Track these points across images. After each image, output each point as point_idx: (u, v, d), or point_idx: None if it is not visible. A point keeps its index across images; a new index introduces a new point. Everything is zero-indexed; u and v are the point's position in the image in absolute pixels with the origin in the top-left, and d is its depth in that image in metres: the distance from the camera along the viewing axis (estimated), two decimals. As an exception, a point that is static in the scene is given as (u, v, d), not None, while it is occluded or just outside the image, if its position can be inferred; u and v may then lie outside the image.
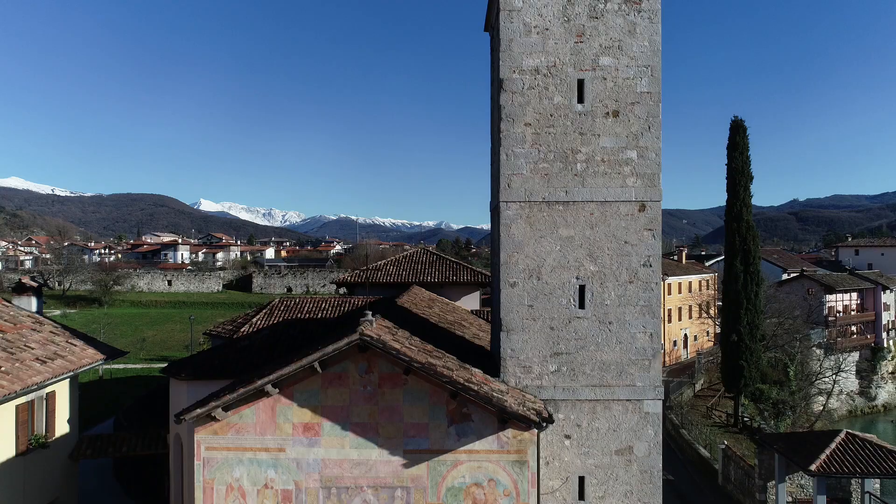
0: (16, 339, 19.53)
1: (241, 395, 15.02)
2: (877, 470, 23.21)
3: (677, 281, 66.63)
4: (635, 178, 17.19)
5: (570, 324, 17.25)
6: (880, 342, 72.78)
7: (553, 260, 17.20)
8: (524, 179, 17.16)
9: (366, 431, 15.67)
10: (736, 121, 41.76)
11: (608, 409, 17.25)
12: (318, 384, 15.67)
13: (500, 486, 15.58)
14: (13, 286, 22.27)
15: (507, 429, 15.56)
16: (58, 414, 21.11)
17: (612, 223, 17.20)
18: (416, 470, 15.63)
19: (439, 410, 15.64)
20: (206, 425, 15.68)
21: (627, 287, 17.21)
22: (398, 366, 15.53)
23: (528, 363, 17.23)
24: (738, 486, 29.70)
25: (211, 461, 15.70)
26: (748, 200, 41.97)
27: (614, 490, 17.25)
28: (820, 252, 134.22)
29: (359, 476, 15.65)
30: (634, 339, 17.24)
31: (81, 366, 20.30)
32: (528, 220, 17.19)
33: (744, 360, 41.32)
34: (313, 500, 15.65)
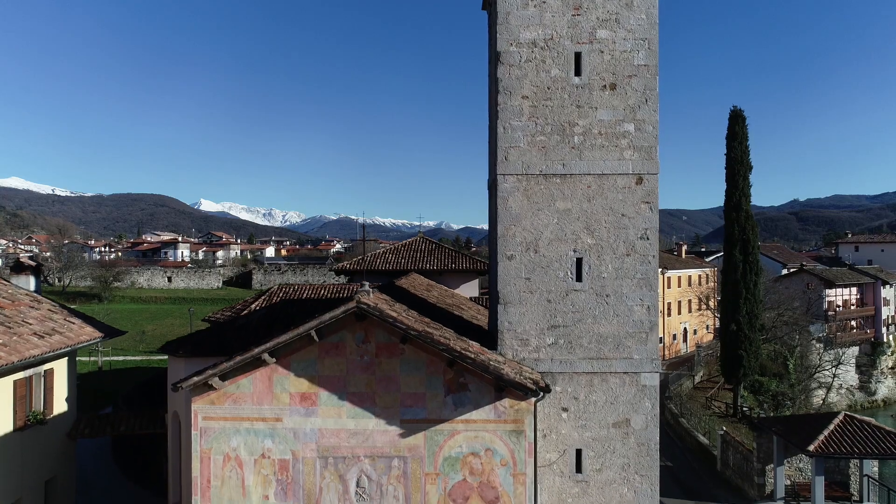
0: (13, 314, 19.55)
1: (237, 362, 15.03)
2: (875, 450, 23.21)
3: (676, 275, 66.62)
4: (632, 151, 17.21)
5: (568, 296, 17.26)
6: (880, 337, 72.71)
7: (550, 233, 17.22)
8: (521, 152, 17.18)
9: (363, 401, 15.68)
10: (735, 111, 41.75)
11: (605, 381, 17.25)
12: (315, 354, 15.68)
13: (496, 456, 15.59)
14: (11, 265, 22.25)
15: (503, 398, 15.57)
16: (56, 392, 21.10)
17: (609, 196, 17.21)
18: (414, 440, 15.64)
19: (436, 380, 15.65)
20: (203, 395, 15.69)
21: (625, 260, 17.22)
22: (395, 335, 15.55)
23: (526, 336, 17.24)
24: (736, 471, 29.68)
25: (208, 431, 15.71)
26: (747, 190, 41.93)
27: (611, 463, 17.25)
28: (820, 250, 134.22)
29: (356, 446, 15.66)
30: (631, 312, 17.25)
31: (80, 342, 20.30)
32: (526, 192, 17.21)
33: (743, 349, 41.26)
34: (310, 470, 15.66)
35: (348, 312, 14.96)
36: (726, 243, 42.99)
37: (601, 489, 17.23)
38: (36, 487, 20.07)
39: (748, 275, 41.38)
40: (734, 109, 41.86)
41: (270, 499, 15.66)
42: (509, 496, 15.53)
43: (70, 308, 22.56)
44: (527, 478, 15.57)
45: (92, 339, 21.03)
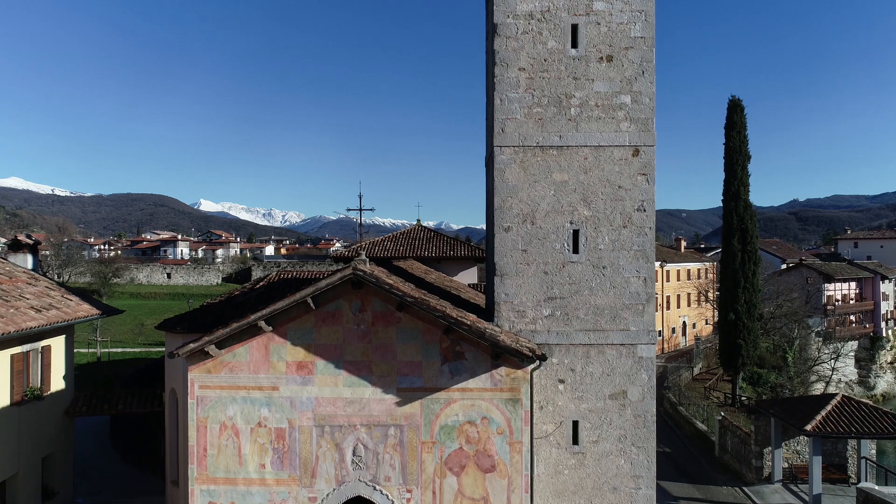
0: (11, 289, 19.56)
1: (233, 329, 15.04)
2: (872, 430, 23.22)
3: (675, 268, 66.61)
4: (629, 123, 17.22)
5: (564, 268, 17.27)
6: (879, 332, 72.76)
7: (547, 204, 17.23)
8: (518, 124, 17.19)
9: (359, 370, 15.69)
10: (734, 100, 41.78)
11: (602, 353, 17.26)
12: (312, 322, 15.69)
13: (493, 424, 15.60)
14: (9, 243, 22.27)
15: (500, 367, 15.59)
16: (53, 369, 21.13)
17: (606, 168, 17.23)
18: (410, 408, 15.65)
19: (433, 349, 15.66)
20: (199, 364, 15.70)
21: (621, 232, 17.24)
22: (391, 303, 15.57)
23: (522, 307, 17.24)
24: (734, 456, 29.69)
25: (204, 400, 15.72)
26: (746, 180, 41.93)
27: (608, 434, 17.24)
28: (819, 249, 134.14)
29: (352, 414, 15.67)
30: (628, 284, 17.26)
31: (77, 317, 20.32)
32: (522, 164, 17.22)
33: (741, 339, 41.26)
34: (307, 439, 15.67)
35: (345, 279, 14.98)
36: (725, 233, 43.00)
37: (598, 461, 17.23)
38: (33, 463, 20.10)
39: (747, 264, 41.40)
40: (733, 99, 41.90)
41: (267, 467, 15.66)
42: (505, 464, 15.54)
43: (67, 286, 22.55)
44: (523, 446, 15.58)
45: (89, 315, 21.05)
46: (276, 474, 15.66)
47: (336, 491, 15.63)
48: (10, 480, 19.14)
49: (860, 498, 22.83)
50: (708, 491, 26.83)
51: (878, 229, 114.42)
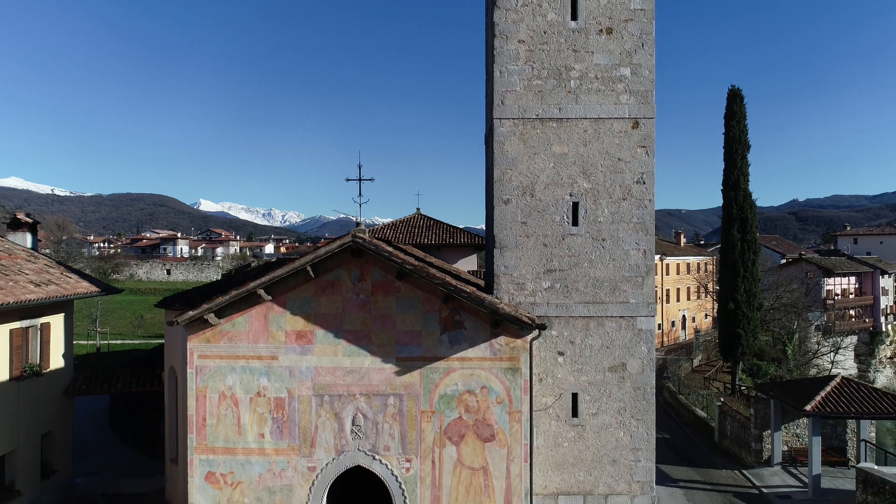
0: (10, 265, 19.55)
1: (233, 296, 15.04)
2: (871, 410, 23.18)
3: (675, 262, 66.60)
4: (629, 95, 17.23)
5: (564, 240, 17.27)
6: (878, 326, 72.71)
7: (546, 177, 17.24)
8: (517, 96, 17.20)
9: (358, 339, 15.68)
10: (733, 89, 41.78)
11: (601, 325, 17.26)
12: (311, 292, 15.69)
13: (492, 394, 15.60)
14: (8, 221, 22.26)
15: (499, 336, 15.59)
16: (52, 346, 21.09)
17: (605, 140, 17.23)
18: (409, 377, 15.64)
19: (432, 318, 15.66)
20: (198, 333, 15.70)
21: (621, 204, 17.24)
22: (390, 272, 15.57)
23: (522, 280, 17.24)
24: (734, 440, 29.66)
25: (203, 369, 15.71)
26: (745, 169, 41.90)
27: (607, 407, 17.24)
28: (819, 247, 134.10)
29: (351, 384, 15.67)
30: (628, 256, 17.26)
31: (77, 293, 20.29)
32: (522, 136, 17.22)
33: (741, 328, 41.20)
34: (306, 408, 15.66)
35: (344, 247, 14.97)
36: (724, 222, 42.96)
37: (597, 433, 17.23)
38: (32, 440, 20.06)
39: (746, 253, 41.36)
40: (732, 88, 41.89)
41: (266, 437, 15.66)
42: (505, 434, 15.54)
43: (67, 265, 22.55)
44: (522, 415, 15.57)
45: (89, 292, 21.03)
46: (275, 444, 15.66)
47: (335, 460, 15.63)
48: (8, 456, 19.11)
49: (860, 477, 22.80)
50: (707, 474, 26.80)
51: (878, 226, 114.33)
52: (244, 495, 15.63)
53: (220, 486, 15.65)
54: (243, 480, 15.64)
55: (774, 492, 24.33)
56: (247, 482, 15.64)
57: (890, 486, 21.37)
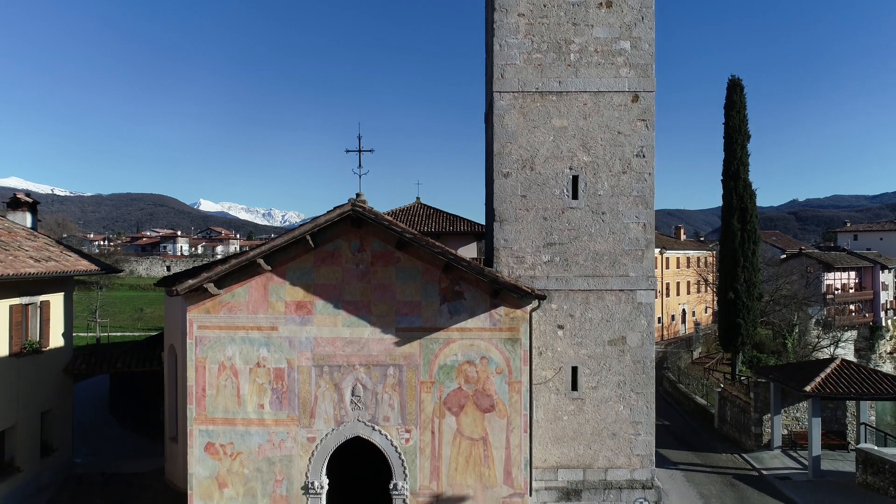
0: (10, 241, 19.55)
1: (232, 265, 15.03)
2: (872, 391, 23.17)
3: (675, 255, 66.57)
4: (628, 69, 17.24)
5: (564, 214, 17.28)
6: (878, 321, 72.62)
7: (546, 150, 17.25)
8: (517, 70, 17.21)
9: (358, 310, 15.67)
10: (733, 79, 41.77)
11: (601, 299, 17.27)
12: (311, 262, 15.68)
13: (492, 364, 15.58)
14: (7, 201, 22.25)
15: (499, 307, 15.58)
16: (52, 325, 21.08)
17: (605, 113, 17.24)
18: (409, 348, 15.63)
19: (432, 288, 15.65)
20: (198, 304, 15.70)
21: (620, 177, 17.25)
22: (390, 242, 15.56)
23: (521, 253, 17.25)
24: (734, 426, 29.64)
25: (203, 340, 15.70)
26: (745, 159, 41.84)
27: (607, 380, 17.25)
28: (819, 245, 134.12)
29: (351, 354, 15.65)
30: (627, 230, 17.27)
31: (77, 269, 20.29)
32: (522, 110, 17.23)
33: (741, 318, 41.13)
34: (305, 379, 15.65)
35: (344, 215, 14.96)
36: (724, 212, 42.92)
37: (597, 406, 17.23)
38: (32, 417, 20.05)
39: (746, 243, 41.30)
40: (732, 78, 41.87)
41: (266, 407, 15.65)
42: (504, 404, 15.52)
43: (67, 245, 22.54)
44: (522, 386, 15.55)
45: (88, 270, 21.02)
46: (274, 414, 15.65)
47: (335, 431, 15.62)
48: (8, 431, 19.09)
49: (860, 458, 22.81)
50: (707, 458, 26.77)
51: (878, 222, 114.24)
52: (244, 466, 15.62)
53: (219, 457, 15.64)
54: (243, 451, 15.63)
55: (774, 474, 24.30)
56: (246, 453, 15.62)
57: (890, 466, 21.38)
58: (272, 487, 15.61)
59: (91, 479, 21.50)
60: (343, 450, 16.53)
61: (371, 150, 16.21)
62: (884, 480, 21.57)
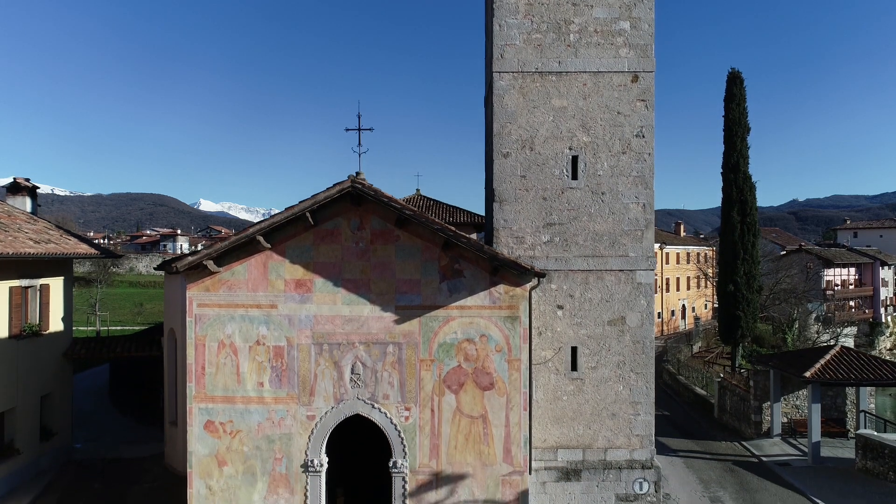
0: (9, 223, 19.56)
1: (232, 242, 15.03)
2: (871, 376, 23.20)
3: (675, 251, 66.61)
4: (628, 49, 17.25)
5: (563, 194, 17.28)
6: (878, 317, 72.60)
7: (546, 130, 17.25)
8: (517, 50, 17.21)
9: (358, 287, 15.67)
10: (733, 72, 41.76)
11: (601, 279, 17.27)
12: (311, 240, 15.68)
13: (491, 342, 15.58)
14: (7, 186, 22.24)
15: (498, 285, 15.57)
16: (52, 309, 21.11)
17: (605, 94, 17.25)
18: (409, 326, 15.62)
19: (431, 266, 15.64)
20: (197, 281, 15.70)
21: (620, 158, 17.25)
22: (390, 220, 15.56)
23: (521, 233, 17.26)
24: (733, 414, 29.67)
25: (202, 318, 15.70)
26: (745, 152, 41.82)
27: (607, 360, 17.25)
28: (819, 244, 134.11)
29: (351, 332, 15.65)
30: (627, 210, 17.27)
31: (77, 252, 20.29)
32: (521, 90, 17.24)
33: (741, 310, 41.06)
34: (305, 357, 15.64)
35: (343, 192, 14.95)
36: (724, 205, 42.89)
37: (596, 387, 17.23)
38: (31, 400, 20.07)
39: (746, 235, 41.26)
40: (732, 71, 41.85)
41: (265, 385, 15.64)
42: (504, 382, 15.52)
43: (67, 230, 22.55)
44: (521, 364, 15.55)
45: (88, 253, 21.03)
46: (274, 392, 15.64)
47: (334, 409, 15.61)
48: (8, 414, 19.11)
49: (859, 443, 22.83)
50: (707, 445, 26.80)
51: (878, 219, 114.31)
52: (243, 444, 15.61)
53: (219, 435, 15.63)
54: (242, 429, 15.62)
55: (774, 460, 24.33)
56: (246, 431, 15.62)
57: (890, 451, 21.41)
58: (272, 465, 15.60)
59: (91, 464, 21.53)
60: (342, 428, 16.54)
61: (371, 129, 16.22)
62: (883, 465, 21.59)
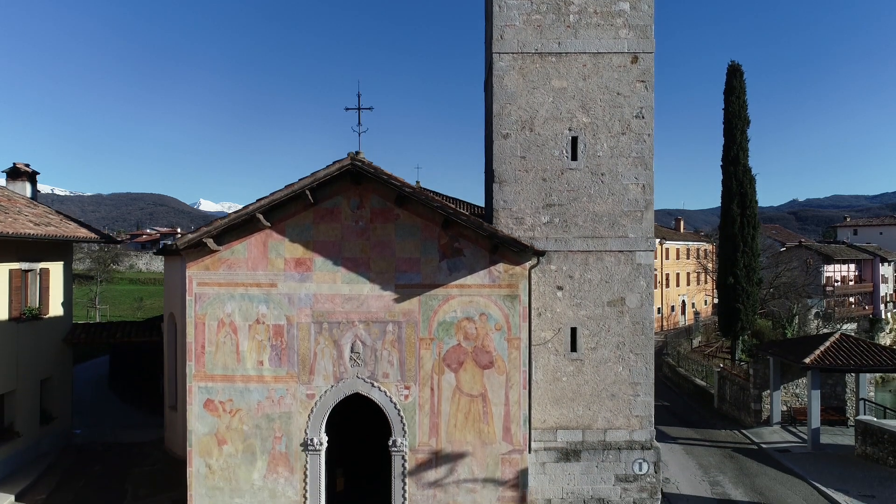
0: (9, 206, 19.57)
1: (232, 219, 15.04)
2: (871, 363, 23.18)
3: (675, 246, 66.59)
4: (628, 30, 17.26)
5: (563, 175, 17.29)
6: (878, 314, 72.56)
7: (546, 111, 17.26)
8: (517, 31, 17.22)
9: (357, 266, 15.68)
10: (733, 65, 41.77)
11: (600, 260, 17.27)
12: (310, 219, 15.70)
13: (491, 321, 15.60)
14: (7, 171, 22.24)
15: (498, 264, 15.61)
16: (52, 294, 21.12)
17: (604, 75, 17.26)
18: (408, 304, 15.64)
19: (431, 245, 15.66)
20: (197, 260, 15.72)
21: (620, 138, 17.26)
22: (389, 199, 15.58)
23: (521, 214, 17.26)
24: (733, 404, 29.66)
25: (202, 297, 15.72)
26: (745, 144, 41.82)
27: (606, 341, 17.25)
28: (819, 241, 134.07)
29: (350, 311, 15.66)
30: (627, 191, 17.28)
31: (77, 235, 20.30)
32: (521, 71, 17.25)
33: (741, 303, 41.04)
34: (305, 336, 15.65)
35: (343, 169, 14.97)
36: (724, 198, 42.87)
37: (596, 367, 17.24)
38: (31, 383, 20.08)
39: (746, 228, 41.24)
40: (732, 64, 41.87)
41: (265, 364, 15.66)
42: (504, 360, 15.53)
43: (67, 215, 22.56)
44: (521, 342, 15.57)
45: (88, 237, 21.03)
46: (274, 371, 15.66)
47: (334, 388, 15.63)
48: (7, 396, 19.11)
49: (859, 429, 22.83)
50: (706, 434, 26.79)
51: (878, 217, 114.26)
52: (243, 422, 15.63)
53: (218, 414, 15.65)
54: (242, 408, 15.64)
55: (773, 447, 24.31)
56: (245, 409, 15.63)
57: (889, 436, 21.42)
58: (271, 444, 15.62)
59: (91, 448, 21.54)
60: (342, 410, 16.56)
61: (370, 108, 16.23)
62: (883, 450, 21.59)
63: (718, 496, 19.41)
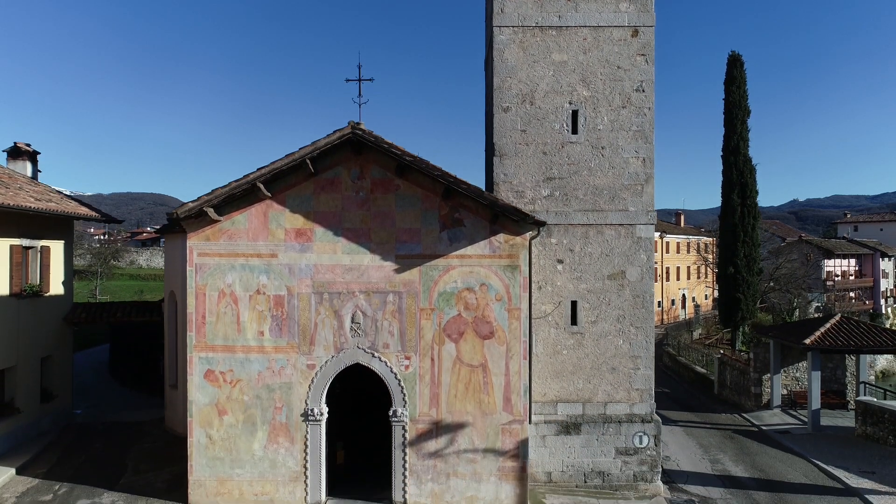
0: (10, 182, 19.59)
1: (232, 188, 15.03)
2: (871, 344, 23.20)
3: (675, 240, 66.62)
4: (628, 4, 17.28)
5: (563, 149, 17.31)
6: (878, 309, 72.61)
7: (546, 85, 17.28)
8: (517, 4, 17.24)
9: (358, 237, 15.69)
10: (733, 54, 41.80)
11: (601, 233, 17.29)
12: (311, 190, 15.70)
13: (491, 291, 15.59)
14: (7, 150, 22.26)
15: (498, 234, 15.59)
16: (52, 272, 21.13)
17: (605, 48, 17.28)
18: (409, 275, 15.64)
19: (431, 215, 15.66)
20: (198, 231, 15.72)
21: (620, 112, 17.28)
22: (390, 170, 15.59)
23: (521, 188, 17.28)
24: (733, 389, 29.68)
25: (203, 267, 15.72)
26: (745, 134, 41.84)
27: (607, 315, 17.27)
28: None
29: (351, 281, 15.66)
30: (627, 164, 17.29)
31: (78, 213, 20.31)
32: (522, 45, 17.27)
33: (741, 292, 41.06)
34: (305, 306, 15.65)
35: (343, 138, 14.97)
36: (724, 188, 42.89)
37: (596, 341, 17.25)
38: (32, 360, 20.08)
39: (746, 218, 41.24)
40: (732, 54, 41.88)
41: (266, 334, 15.65)
42: (504, 330, 15.53)
43: (68, 195, 22.58)
44: (521, 312, 15.56)
45: (88, 215, 21.05)
46: (274, 342, 15.65)
47: (335, 358, 15.62)
48: (8, 372, 19.10)
49: (859, 409, 22.84)
50: (707, 417, 26.80)
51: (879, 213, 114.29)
52: (243, 393, 15.63)
53: (219, 384, 15.65)
54: (242, 378, 15.64)
55: (773, 428, 24.33)
56: (246, 380, 15.63)
57: (890, 415, 21.43)
58: (272, 414, 15.62)
59: (91, 427, 21.55)
60: (343, 383, 16.57)
61: (371, 79, 16.21)
62: (883, 430, 21.60)
63: (719, 472, 19.42)
